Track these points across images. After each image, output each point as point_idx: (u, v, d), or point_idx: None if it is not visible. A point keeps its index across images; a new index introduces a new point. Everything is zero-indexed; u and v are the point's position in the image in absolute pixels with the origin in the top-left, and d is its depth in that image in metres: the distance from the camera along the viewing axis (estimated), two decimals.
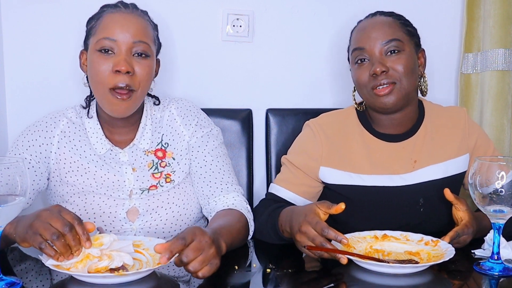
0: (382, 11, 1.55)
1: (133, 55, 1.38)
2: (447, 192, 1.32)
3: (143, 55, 1.39)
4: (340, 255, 1.17)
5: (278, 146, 1.84)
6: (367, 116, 1.58)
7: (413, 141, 1.54)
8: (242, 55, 1.93)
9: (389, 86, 1.45)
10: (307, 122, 1.60)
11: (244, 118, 1.86)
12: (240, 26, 1.90)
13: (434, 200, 1.51)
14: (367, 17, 1.56)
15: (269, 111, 1.88)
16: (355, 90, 1.60)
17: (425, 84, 1.56)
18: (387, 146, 1.53)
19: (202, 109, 1.59)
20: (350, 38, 1.57)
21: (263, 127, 1.90)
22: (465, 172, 1.56)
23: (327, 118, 1.60)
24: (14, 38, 1.78)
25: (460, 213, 1.32)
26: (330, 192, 1.54)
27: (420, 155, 1.53)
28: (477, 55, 1.98)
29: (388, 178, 1.51)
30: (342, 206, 1.22)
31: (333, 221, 1.54)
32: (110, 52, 1.37)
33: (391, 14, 1.54)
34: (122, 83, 1.35)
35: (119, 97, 1.36)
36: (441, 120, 1.58)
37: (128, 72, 1.36)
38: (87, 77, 1.45)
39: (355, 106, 1.59)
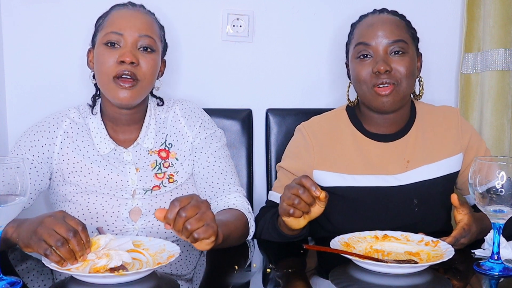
0: (388, 10, 1.55)
1: (139, 48, 1.41)
2: (454, 198, 1.31)
3: (149, 49, 1.42)
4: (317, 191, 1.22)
5: (278, 146, 1.84)
6: (358, 115, 1.58)
7: (405, 141, 1.54)
8: (242, 55, 1.93)
9: (390, 86, 1.45)
10: (298, 126, 1.61)
11: (244, 118, 1.86)
12: (240, 26, 1.90)
13: (428, 200, 1.52)
14: (373, 12, 1.54)
15: (269, 111, 1.88)
16: (349, 86, 1.60)
17: (421, 88, 1.57)
18: (379, 146, 1.53)
19: (201, 108, 1.59)
20: (352, 31, 1.56)
21: (263, 127, 1.90)
22: (458, 171, 1.57)
23: (318, 120, 1.60)
24: (14, 38, 1.78)
25: (460, 216, 1.31)
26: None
27: (413, 155, 1.53)
28: (477, 55, 1.98)
29: (382, 179, 1.51)
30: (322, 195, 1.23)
31: (328, 221, 1.54)
32: (116, 45, 1.39)
33: (396, 13, 1.54)
34: (126, 71, 1.37)
35: (122, 84, 1.38)
36: (434, 119, 1.58)
37: (132, 63, 1.38)
38: (93, 74, 1.47)
39: (348, 102, 1.59)
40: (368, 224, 1.47)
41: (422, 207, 1.51)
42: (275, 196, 1.55)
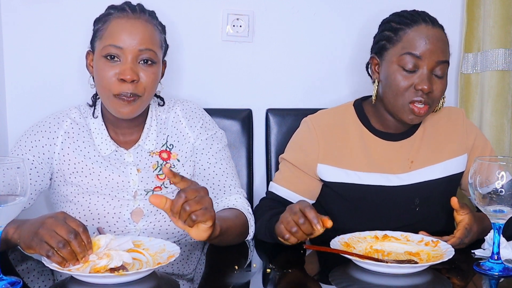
0: (432, 17, 1.49)
1: (139, 62, 1.37)
2: (453, 201, 1.31)
3: (149, 62, 1.38)
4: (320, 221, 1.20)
5: (278, 146, 1.84)
6: (366, 112, 1.57)
7: (411, 142, 1.54)
8: (242, 55, 1.93)
9: (426, 106, 1.43)
10: (304, 118, 1.59)
11: (244, 118, 1.86)
12: (240, 26, 1.90)
13: (430, 200, 1.52)
14: (425, 21, 1.46)
15: (269, 111, 1.88)
16: (378, 85, 1.52)
17: (441, 103, 1.52)
18: (384, 145, 1.53)
19: (202, 108, 1.59)
20: (397, 32, 1.46)
21: (263, 127, 1.90)
22: (462, 172, 1.56)
23: (325, 114, 1.59)
24: (14, 38, 1.78)
25: (460, 216, 1.32)
26: (328, 190, 1.54)
27: (417, 156, 1.53)
28: (477, 55, 1.98)
29: (384, 178, 1.51)
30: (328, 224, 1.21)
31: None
32: (116, 59, 1.36)
33: (443, 28, 1.50)
34: (126, 91, 1.35)
35: (123, 102, 1.36)
36: (439, 120, 1.58)
37: (133, 81, 1.35)
38: (93, 78, 1.44)
39: (374, 98, 1.52)
40: (368, 222, 1.48)
41: (424, 207, 1.52)
42: (275, 188, 1.55)
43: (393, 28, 1.48)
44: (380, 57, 1.50)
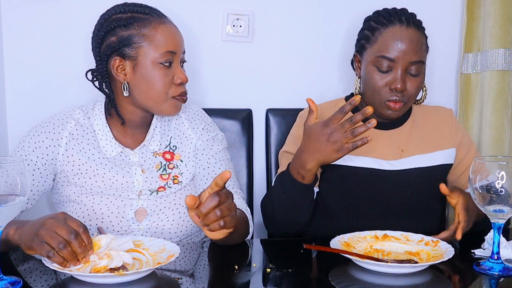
0: (412, 17, 1.53)
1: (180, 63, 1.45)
2: (442, 187, 1.34)
3: (184, 62, 1.47)
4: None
5: (278, 146, 1.84)
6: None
7: (400, 131, 1.60)
8: (242, 55, 1.93)
9: (400, 103, 1.51)
10: (300, 112, 1.66)
11: (244, 118, 1.86)
12: (240, 26, 1.90)
13: (420, 186, 1.56)
14: (400, 22, 1.50)
15: (269, 111, 1.88)
16: (358, 81, 1.62)
17: (424, 94, 1.62)
18: (375, 133, 1.57)
19: (202, 109, 1.60)
20: (374, 32, 1.53)
21: (263, 127, 1.90)
22: (451, 164, 1.61)
23: (319, 106, 1.62)
24: (14, 38, 1.78)
25: (454, 200, 1.34)
26: (321, 174, 1.58)
27: (407, 145, 1.58)
28: (477, 55, 1.98)
29: (376, 162, 1.55)
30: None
31: (324, 204, 1.57)
32: (170, 64, 1.42)
33: (420, 25, 1.54)
34: (184, 93, 1.44)
35: (179, 100, 1.43)
36: (428, 116, 1.64)
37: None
38: (127, 84, 1.41)
39: (356, 93, 1.63)
40: (359, 207, 1.54)
41: (415, 192, 1.56)
42: None
43: (371, 27, 1.56)
44: (361, 55, 1.58)
